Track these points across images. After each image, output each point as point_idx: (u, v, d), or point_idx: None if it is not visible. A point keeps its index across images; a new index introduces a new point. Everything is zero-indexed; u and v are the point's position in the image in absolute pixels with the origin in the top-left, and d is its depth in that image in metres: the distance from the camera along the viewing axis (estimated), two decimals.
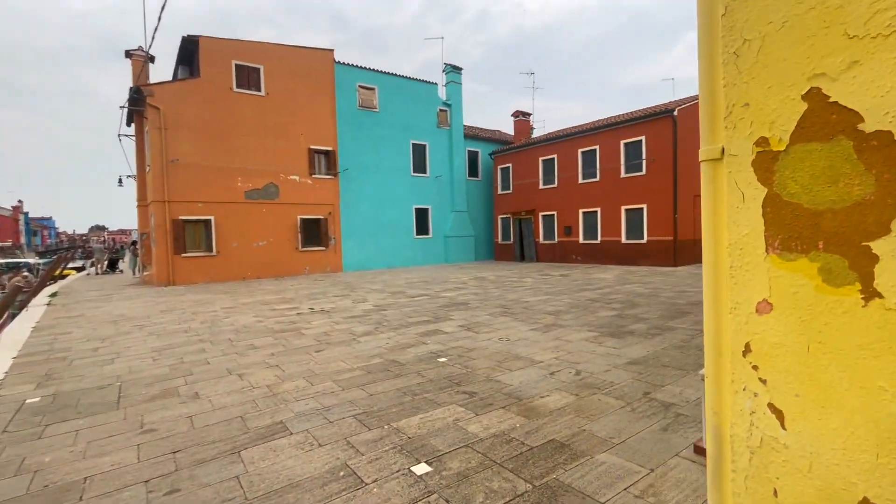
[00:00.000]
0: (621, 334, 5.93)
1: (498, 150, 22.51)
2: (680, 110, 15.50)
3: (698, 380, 4.01)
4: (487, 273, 15.73)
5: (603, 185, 17.67)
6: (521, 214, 21.05)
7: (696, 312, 7.23)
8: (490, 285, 11.97)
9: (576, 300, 8.96)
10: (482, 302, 9.07)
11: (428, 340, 5.90)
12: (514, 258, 21.61)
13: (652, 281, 11.87)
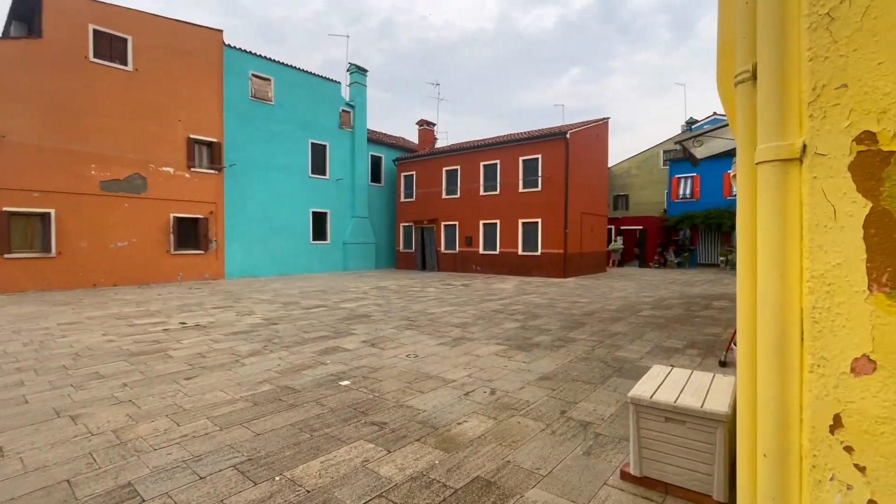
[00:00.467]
0: (528, 347, 5.93)
1: (402, 157, 22.24)
2: (572, 133, 16.81)
3: (608, 394, 4.05)
4: (389, 282, 15.23)
5: (503, 198, 18.38)
6: (423, 223, 20.96)
7: (591, 323, 7.63)
8: (393, 295, 11.51)
9: (480, 311, 8.94)
10: (386, 314, 8.58)
11: (327, 360, 5.26)
12: (415, 267, 21.40)
13: (547, 291, 12.49)
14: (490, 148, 18.79)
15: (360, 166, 20.80)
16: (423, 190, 21.09)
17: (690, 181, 24.57)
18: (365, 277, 17.07)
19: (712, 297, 11.07)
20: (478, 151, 19.20)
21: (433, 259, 20.65)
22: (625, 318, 8.16)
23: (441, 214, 20.38)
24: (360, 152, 20.75)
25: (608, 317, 8.27)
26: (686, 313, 8.66)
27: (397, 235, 22.30)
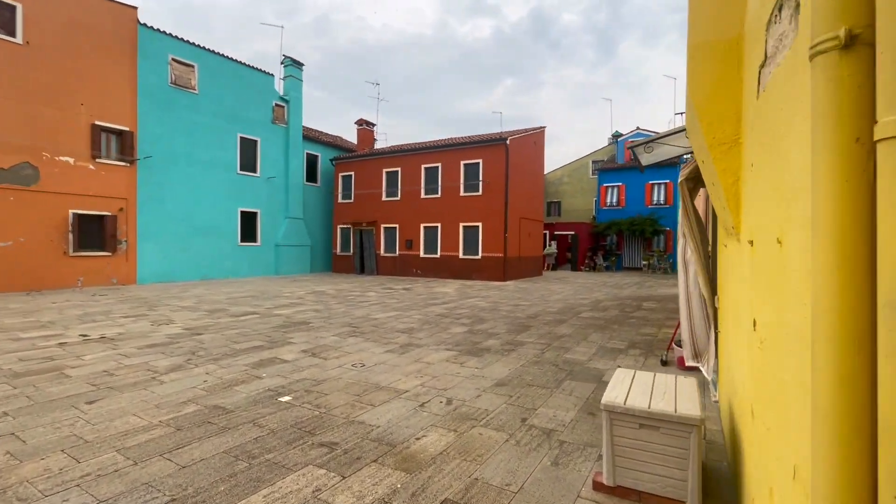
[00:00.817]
0: (479, 352, 5.80)
1: (340, 157, 21.45)
2: (511, 140, 17.19)
3: (565, 399, 4.01)
4: (326, 286, 14.51)
5: (444, 201, 18.33)
6: (362, 225, 20.34)
7: (536, 326, 7.70)
8: (332, 300, 10.92)
9: (426, 316, 8.72)
10: (326, 320, 8.07)
11: (263, 373, 4.75)
12: (353, 270, 20.69)
13: (489, 295, 12.57)
14: (432, 151, 18.69)
15: (295, 164, 19.74)
16: (363, 191, 20.48)
17: (617, 190, 26.24)
18: (300, 281, 16.15)
19: (641, 299, 11.75)
20: (419, 154, 19.02)
21: (372, 262, 20.09)
22: (567, 320, 8.35)
23: (381, 217, 19.90)
24: (294, 149, 19.69)
25: (551, 319, 8.41)
26: (621, 314, 9.06)
27: (334, 237, 21.44)
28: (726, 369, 2.86)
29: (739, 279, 2.35)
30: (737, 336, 2.46)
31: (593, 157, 31.50)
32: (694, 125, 2.57)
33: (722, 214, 2.64)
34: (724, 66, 2.32)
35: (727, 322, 2.89)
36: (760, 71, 1.86)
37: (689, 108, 2.57)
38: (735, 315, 2.50)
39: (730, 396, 2.75)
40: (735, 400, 2.45)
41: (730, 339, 2.77)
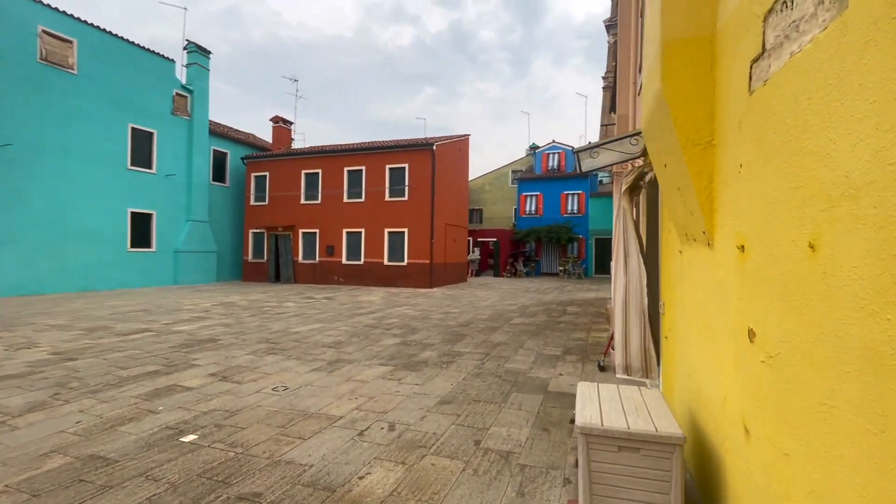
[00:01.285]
0: (416, 366, 5.41)
1: (253, 156, 19.76)
2: (438, 146, 17.08)
3: (515, 414, 3.77)
4: (237, 297, 13.10)
5: (368, 206, 17.65)
6: (278, 230, 18.87)
7: (471, 334, 7.49)
8: (244, 313, 9.80)
9: (353, 327, 8.10)
10: (238, 336, 7.12)
11: (160, 406, 3.91)
12: (267, 279, 19.08)
13: (417, 302, 12.20)
14: (356, 153, 17.94)
15: (200, 161, 17.76)
16: (279, 193, 19.03)
17: (535, 199, 27.45)
18: (204, 292, 14.42)
19: (564, 304, 12.18)
20: (342, 155, 18.16)
21: (289, 270, 18.70)
22: (500, 327, 8.27)
23: (299, 221, 18.63)
24: (199, 145, 17.71)
25: (485, 326, 8.28)
26: (550, 320, 9.22)
27: (245, 243, 19.63)
28: (685, 377, 2.82)
29: (713, 286, 2.25)
30: (706, 345, 2.37)
31: (513, 166, 32.75)
32: (662, 126, 2.48)
33: (686, 220, 2.57)
34: (696, 65, 2.24)
35: (685, 330, 2.84)
36: (753, 66, 1.75)
37: (656, 109, 2.47)
38: (703, 323, 2.42)
39: (691, 406, 2.68)
40: (706, 412, 2.36)
41: (690, 347, 2.71)
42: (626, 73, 6.85)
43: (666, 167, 2.67)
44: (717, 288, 2.16)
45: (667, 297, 3.58)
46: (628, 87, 6.79)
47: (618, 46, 7.38)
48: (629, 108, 6.75)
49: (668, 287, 3.53)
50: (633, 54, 6.65)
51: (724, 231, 2.07)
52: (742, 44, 1.85)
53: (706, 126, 2.23)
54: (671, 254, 3.37)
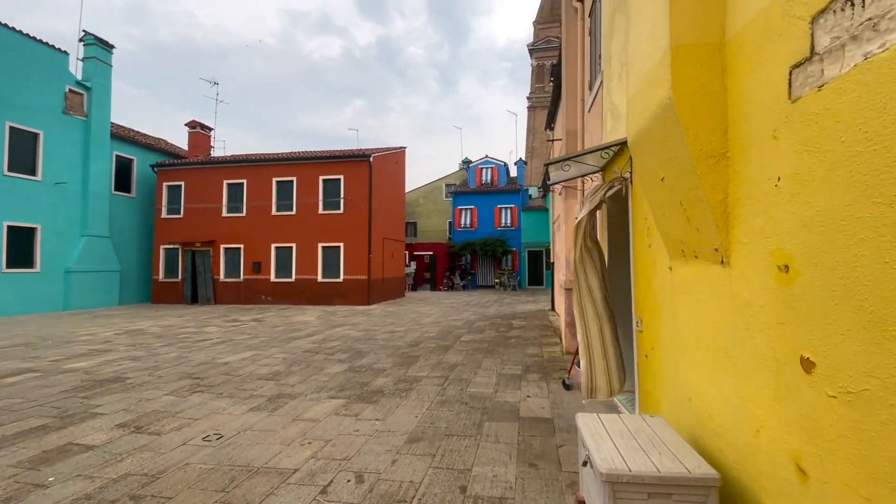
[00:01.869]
0: (371, 396, 4.89)
1: (166, 163, 17.78)
2: (375, 157, 16.56)
3: (495, 449, 3.44)
4: (146, 322, 11.46)
5: (300, 219, 16.57)
6: (195, 245, 17.05)
7: (423, 355, 7.06)
8: (157, 342, 8.51)
9: (291, 353, 7.31)
10: (152, 372, 6.06)
11: (50, 476, 3.04)
12: (182, 300, 17.10)
13: (357, 321, 11.50)
14: (286, 163, 16.83)
15: (99, 168, 15.57)
16: (197, 205, 17.26)
17: (470, 212, 27.77)
18: (104, 318, 12.47)
19: (508, 317, 12.18)
20: (270, 165, 16.94)
21: (208, 289, 16.92)
22: (451, 345, 7.94)
23: (221, 235, 17.00)
24: (98, 149, 15.55)
25: (435, 346, 7.90)
26: (499, 335, 9.07)
27: (156, 260, 17.48)
28: (684, 401, 2.68)
29: (730, 307, 2.11)
30: (721, 369, 2.22)
31: (446, 180, 32.97)
32: (664, 138, 2.33)
33: (687, 236, 2.44)
34: (707, 73, 2.13)
35: (681, 351, 2.71)
36: (794, 71, 1.62)
37: (658, 120, 2.32)
38: (714, 346, 2.27)
39: (696, 434, 2.52)
40: (722, 442, 2.19)
41: (692, 370, 2.57)
42: (573, 91, 6.98)
43: (663, 181, 2.54)
44: (740, 310, 2.02)
45: (646, 315, 3.49)
46: (576, 104, 6.92)
47: (563, 66, 7.53)
48: (577, 125, 6.87)
49: (648, 304, 3.43)
50: (580, 73, 6.80)
51: (750, 249, 1.94)
52: (773, 49, 1.74)
53: (719, 137, 2.11)
54: (651, 270, 3.28)
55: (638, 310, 3.70)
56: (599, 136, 5.43)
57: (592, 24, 6.12)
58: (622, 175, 3.88)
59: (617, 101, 4.49)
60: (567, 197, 7.24)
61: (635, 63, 2.81)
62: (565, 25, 7.18)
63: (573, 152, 4.54)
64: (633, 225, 3.77)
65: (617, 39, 4.50)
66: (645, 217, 3.43)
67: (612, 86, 4.65)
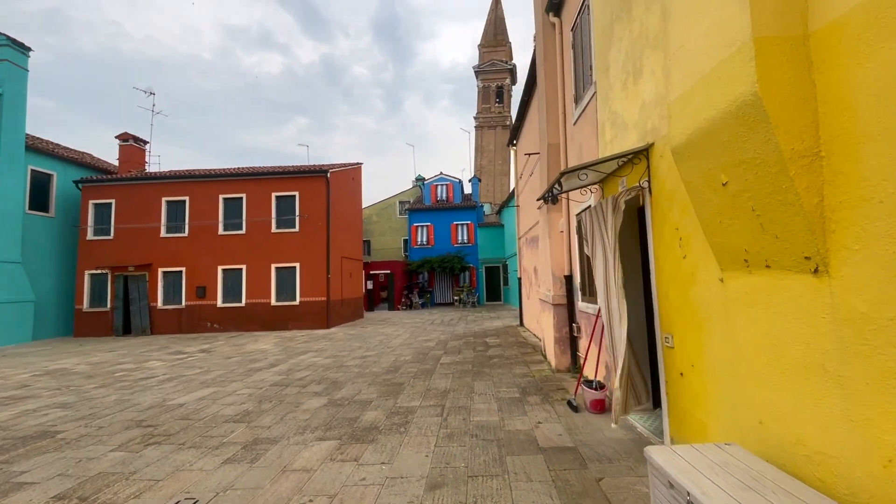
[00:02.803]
0: (366, 434, 4.33)
1: (94, 179, 15.97)
2: (332, 173, 15.87)
3: (528, 488, 3.06)
4: (72, 360, 9.94)
5: (250, 238, 15.42)
6: (128, 269, 15.32)
7: (407, 382, 6.54)
8: (88, 383, 7.31)
9: (256, 388, 6.51)
10: (88, 422, 5.09)
11: None
12: (112, 331, 15.21)
13: (321, 347, 10.69)
14: (234, 179, 15.69)
15: (10, 184, 13.64)
16: (130, 225, 15.58)
17: (426, 229, 27.47)
18: (17, 357, 10.69)
19: (479, 335, 11.86)
20: (217, 181, 15.71)
21: (144, 318, 15.19)
22: (433, 369, 7.47)
23: (159, 258, 15.41)
24: (10, 163, 13.64)
25: (416, 370, 7.39)
26: (479, 355, 8.71)
27: (80, 288, 15.49)
28: (754, 424, 2.46)
29: (830, 322, 1.91)
30: (814, 391, 2.01)
31: (399, 197, 32.60)
32: (742, 138, 2.14)
33: (763, 244, 2.25)
34: (794, 67, 1.97)
35: (746, 370, 2.51)
36: None
37: (738, 118, 2.13)
38: (803, 365, 2.07)
39: (780, 462, 2.30)
40: (823, 471, 1.97)
41: (764, 390, 2.36)
42: (553, 104, 6.93)
43: (726, 186, 2.36)
44: (850, 323, 1.82)
45: (679, 330, 3.30)
46: (557, 117, 6.87)
47: (539, 81, 7.50)
48: (560, 138, 6.81)
49: (682, 319, 3.25)
50: (560, 86, 6.78)
51: (865, 256, 1.75)
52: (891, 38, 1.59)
53: (811, 135, 1.95)
54: (688, 282, 3.10)
55: (665, 325, 3.51)
56: (593, 147, 5.34)
57: (575, 38, 6.12)
58: (640, 184, 3.74)
59: (620, 110, 4.40)
60: (549, 210, 7.12)
61: (681, 62, 2.64)
62: (542, 41, 7.17)
63: (588, 161, 4.37)
64: (656, 236, 3.60)
65: (617, 49, 4.43)
66: (676, 227, 3.26)
67: (613, 95, 4.56)
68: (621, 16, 4.32)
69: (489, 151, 63.59)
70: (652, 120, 3.62)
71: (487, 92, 63.52)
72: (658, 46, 3.52)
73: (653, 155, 3.62)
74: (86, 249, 15.59)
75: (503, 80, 63.03)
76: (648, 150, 3.69)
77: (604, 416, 4.56)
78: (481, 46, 63.77)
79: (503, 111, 62.34)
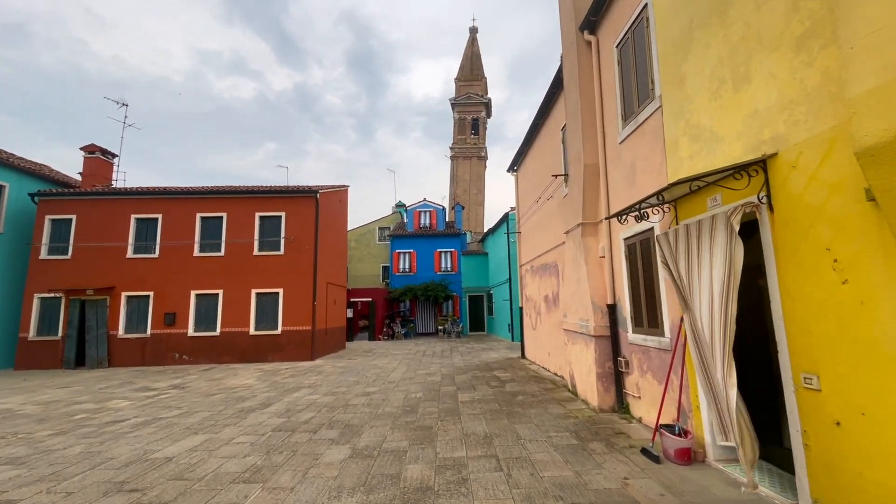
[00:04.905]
0: (424, 500, 3.52)
1: (53, 192, 14.46)
2: (322, 194, 15.07)
3: None
4: (15, 399, 8.44)
5: (229, 261, 14.22)
6: (86, 293, 13.71)
7: (434, 424, 5.71)
8: (41, 430, 6.05)
9: (257, 434, 5.51)
10: (52, 489, 4.00)
11: None
12: (61, 364, 13.41)
13: (313, 382, 9.62)
14: (215, 196, 14.59)
15: None
16: (91, 243, 14.08)
17: (409, 256, 26.73)
18: None
19: (483, 368, 11.09)
20: (195, 199, 14.56)
21: (101, 349, 13.50)
22: (456, 409, 6.67)
23: (123, 281, 13.91)
24: None
25: (437, 410, 6.56)
26: (498, 392, 7.96)
27: (26, 313, 13.68)
28: None
29: None
30: None
31: (379, 223, 31.87)
32: None
33: None
34: None
35: None
36: None
37: None
38: None
39: None
40: None
41: None
42: (591, 123, 6.59)
43: None
44: None
45: (831, 371, 2.77)
46: (595, 137, 6.52)
47: (571, 100, 7.19)
48: (598, 157, 6.44)
49: (839, 356, 2.73)
50: (599, 104, 6.46)
51: None
52: None
53: None
54: (854, 312, 2.60)
55: (805, 363, 2.98)
56: (654, 165, 4.94)
57: (623, 54, 5.84)
58: (757, 198, 3.29)
59: (705, 122, 4.01)
60: (584, 234, 6.66)
61: (873, 50, 2.23)
62: (575, 60, 6.90)
63: (692, 174, 3.90)
64: (784, 258, 3.13)
65: (700, 57, 4.09)
66: (826, 247, 2.79)
67: (693, 107, 4.19)
68: (707, 21, 4.00)
69: (464, 181, 64.25)
70: (774, 127, 3.21)
71: (463, 124, 64.74)
72: (780, 47, 3.15)
73: (776, 167, 3.19)
74: (37, 270, 13.90)
75: (479, 113, 64.56)
76: (766, 162, 3.27)
77: (694, 468, 3.94)
78: (458, 80, 65.42)
79: (478, 142, 63.51)
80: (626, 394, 5.83)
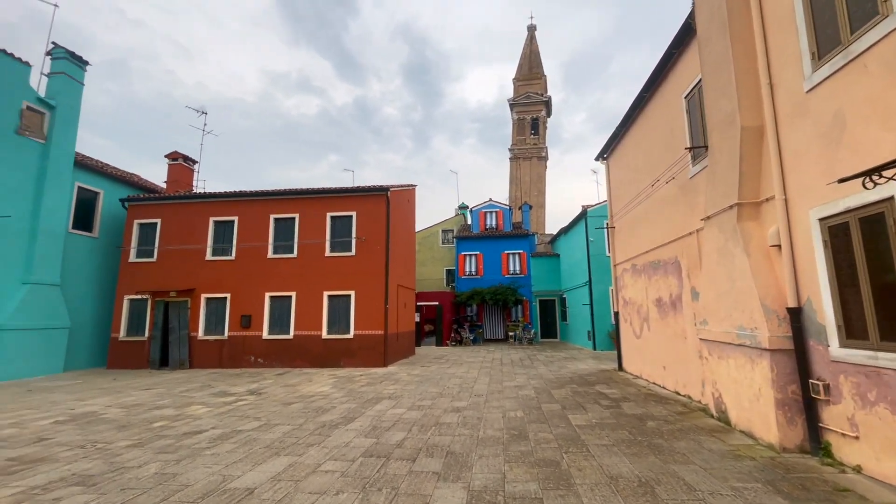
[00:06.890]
0: None
1: (141, 197, 15.04)
2: (392, 192, 14.43)
3: None
4: (102, 400, 8.34)
5: (302, 262, 13.94)
6: (170, 295, 14.01)
7: (565, 461, 4.52)
8: (120, 439, 5.59)
9: (345, 460, 4.62)
10: None
11: None
12: (148, 364, 13.75)
13: (391, 392, 8.77)
14: (287, 198, 14.43)
15: (55, 200, 12.72)
16: (174, 246, 14.41)
17: (475, 258, 25.67)
18: (43, 393, 9.20)
19: (578, 382, 9.69)
20: (268, 200, 14.49)
21: (183, 351, 13.68)
22: (574, 435, 5.42)
23: (202, 283, 14.07)
24: (57, 178, 12.77)
25: (551, 437, 5.36)
26: (616, 414, 6.60)
27: (117, 314, 14.23)
28: None
29: None
30: None
31: (442, 226, 31.18)
32: None
33: None
34: None
35: None
36: None
37: None
38: None
39: None
40: None
41: None
42: (749, 73, 5.13)
43: None
44: None
45: None
46: (756, 89, 5.04)
47: (709, 55, 5.75)
48: (763, 118, 4.96)
49: None
50: (762, 48, 5.00)
51: None
52: None
53: None
54: None
55: None
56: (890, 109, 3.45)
57: None
58: None
59: None
60: (741, 218, 5.18)
61: None
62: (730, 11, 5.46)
63: None
64: None
65: None
66: None
67: None
68: None
69: (525, 182, 62.33)
70: None
71: (522, 124, 62.95)
72: None
73: None
74: (127, 272, 14.43)
75: (538, 112, 62.46)
76: None
77: None
78: (516, 80, 63.81)
79: (538, 142, 61.41)
80: (827, 429, 4.29)
